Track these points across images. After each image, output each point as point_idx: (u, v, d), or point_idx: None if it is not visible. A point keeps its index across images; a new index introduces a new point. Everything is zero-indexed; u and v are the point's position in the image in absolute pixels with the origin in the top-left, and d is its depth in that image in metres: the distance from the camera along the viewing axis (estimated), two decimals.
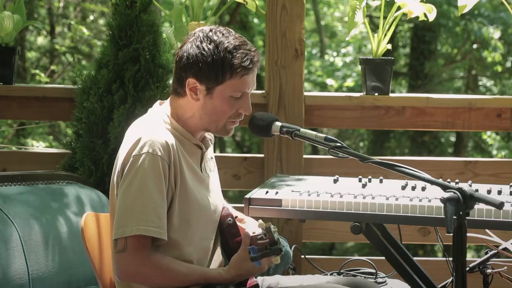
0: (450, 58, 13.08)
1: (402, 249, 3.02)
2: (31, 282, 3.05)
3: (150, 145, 2.68)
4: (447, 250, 3.07)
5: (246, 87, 2.77)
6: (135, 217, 2.65)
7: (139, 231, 2.64)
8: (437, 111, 4.44)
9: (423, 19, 4.29)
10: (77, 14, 11.91)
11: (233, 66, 2.72)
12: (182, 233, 2.77)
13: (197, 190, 2.81)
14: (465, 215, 2.36)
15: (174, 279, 2.71)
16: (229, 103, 2.76)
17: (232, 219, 2.90)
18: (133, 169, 2.68)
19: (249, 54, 2.74)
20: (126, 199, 2.68)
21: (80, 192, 3.44)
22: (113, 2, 4.04)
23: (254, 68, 2.77)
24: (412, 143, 12.17)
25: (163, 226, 2.68)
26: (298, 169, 4.33)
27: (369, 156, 2.66)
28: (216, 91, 2.75)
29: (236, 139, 13.51)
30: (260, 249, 2.72)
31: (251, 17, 12.45)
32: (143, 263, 2.67)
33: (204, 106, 2.77)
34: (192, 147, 2.83)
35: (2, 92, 4.30)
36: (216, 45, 2.73)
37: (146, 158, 2.67)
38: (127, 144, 2.74)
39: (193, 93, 2.76)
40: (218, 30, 2.77)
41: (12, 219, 3.08)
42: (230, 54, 2.72)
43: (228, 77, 2.73)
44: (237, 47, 2.73)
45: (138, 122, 2.83)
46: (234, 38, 2.75)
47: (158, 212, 2.67)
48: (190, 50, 2.75)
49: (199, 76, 2.74)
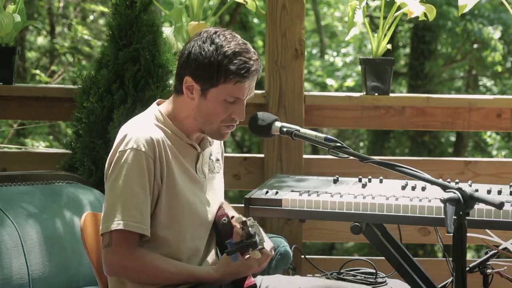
0: (450, 58, 13.08)
1: (402, 249, 3.02)
2: (31, 282, 3.05)
3: (135, 141, 2.71)
4: (447, 250, 3.07)
5: (241, 94, 2.76)
6: (118, 212, 2.68)
7: (120, 225, 2.66)
8: (437, 111, 4.44)
9: (423, 19, 4.29)
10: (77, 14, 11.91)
11: (228, 72, 2.72)
12: (171, 231, 2.77)
13: (189, 190, 2.80)
14: (465, 215, 2.36)
15: (161, 276, 2.72)
16: (222, 106, 2.76)
17: (227, 218, 2.89)
18: (118, 165, 2.71)
19: (248, 63, 2.73)
20: (111, 194, 2.71)
21: (80, 192, 3.44)
22: (113, 2, 4.03)
23: (251, 77, 2.75)
24: (412, 143, 12.17)
25: (146, 222, 2.70)
26: (298, 169, 4.33)
27: (369, 156, 2.66)
28: (211, 93, 2.75)
29: (236, 139, 13.52)
30: (236, 243, 2.72)
31: (251, 17, 12.45)
32: (128, 258, 2.69)
33: (198, 106, 2.78)
34: (185, 146, 2.83)
35: (2, 92, 4.30)
36: (216, 47, 2.73)
37: (130, 154, 2.70)
38: (117, 139, 2.78)
39: (189, 91, 2.77)
40: (222, 33, 2.77)
41: (12, 219, 3.08)
42: (227, 59, 2.72)
43: (222, 81, 2.73)
44: (236, 54, 2.73)
45: (133, 118, 2.86)
46: (237, 44, 2.75)
47: (140, 207, 2.69)
48: (192, 48, 2.76)
49: (196, 75, 2.75)
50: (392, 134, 12.57)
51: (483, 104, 4.43)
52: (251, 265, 2.77)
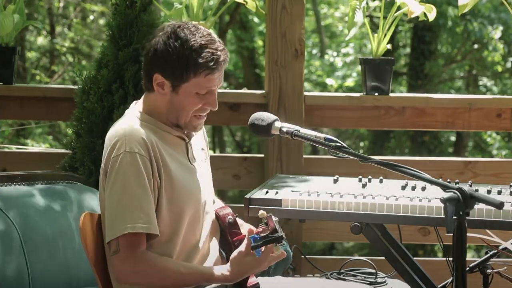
0: (450, 58, 13.08)
1: (402, 249, 3.02)
2: (31, 282, 3.05)
3: (127, 143, 2.70)
4: (447, 250, 3.07)
5: (212, 85, 2.77)
6: (122, 216, 2.66)
7: (127, 229, 2.65)
8: (437, 111, 4.44)
9: (423, 19, 4.29)
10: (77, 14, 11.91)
11: (198, 66, 2.73)
12: (174, 226, 2.76)
13: (185, 179, 2.81)
14: (465, 215, 2.36)
15: (173, 278, 2.70)
16: (194, 98, 2.78)
17: (232, 217, 2.90)
18: (114, 170, 2.70)
19: (215, 54, 2.74)
20: (112, 201, 2.69)
21: (80, 192, 3.43)
22: (113, 2, 4.04)
23: (220, 68, 2.76)
24: (412, 143, 12.17)
25: (152, 221, 2.69)
26: (298, 169, 4.33)
27: (369, 156, 2.66)
28: (182, 88, 2.76)
29: (236, 139, 13.51)
30: (261, 237, 2.70)
31: (251, 17, 12.44)
32: (137, 262, 2.67)
33: (171, 101, 2.79)
34: (173, 139, 2.84)
35: (2, 92, 4.30)
36: (182, 42, 2.73)
37: (124, 157, 2.69)
38: (106, 147, 2.76)
39: (160, 88, 2.78)
40: (186, 27, 2.77)
41: (12, 219, 3.08)
42: (195, 53, 2.72)
43: (192, 75, 2.74)
44: (203, 46, 2.73)
45: (115, 125, 2.84)
46: (202, 36, 2.75)
47: (144, 208, 2.68)
48: (157, 45, 2.77)
49: (165, 72, 2.75)
50: (392, 134, 12.57)
51: (483, 104, 4.43)
52: (262, 261, 2.74)
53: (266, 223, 2.70)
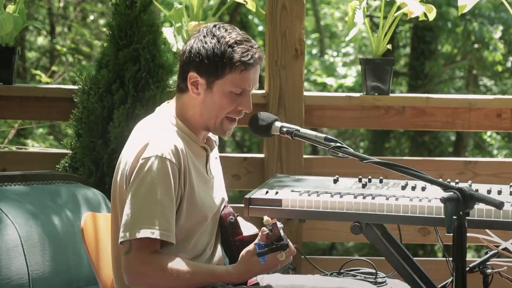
0: (450, 58, 13.09)
1: (402, 249, 3.02)
2: (31, 282, 3.05)
3: (159, 148, 2.67)
4: (447, 250, 3.07)
5: (247, 84, 2.76)
6: (144, 220, 2.64)
7: (147, 233, 2.63)
8: (437, 111, 4.44)
9: (423, 19, 4.30)
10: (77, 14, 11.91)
11: (233, 60, 2.72)
12: (186, 234, 2.76)
13: (203, 192, 2.80)
14: (465, 215, 2.36)
15: (181, 278, 2.68)
16: (229, 98, 2.76)
17: (233, 217, 2.90)
18: (141, 173, 2.66)
19: (251, 50, 2.74)
20: (135, 203, 2.66)
21: (80, 192, 3.43)
22: (113, 2, 4.04)
23: (255, 65, 2.75)
24: (412, 143, 12.17)
25: (171, 229, 2.67)
26: (298, 169, 4.33)
27: (369, 156, 2.66)
28: (216, 85, 2.74)
29: (236, 139, 13.51)
30: (266, 245, 2.70)
31: (251, 17, 12.45)
32: (145, 263, 2.65)
33: (204, 101, 2.77)
34: (198, 149, 2.83)
35: (2, 92, 4.30)
36: (218, 39, 2.74)
37: (154, 162, 2.66)
38: (135, 147, 2.72)
39: (194, 87, 2.76)
40: (222, 26, 2.78)
41: (12, 219, 3.08)
42: (230, 48, 2.72)
43: (227, 70, 2.73)
44: (238, 42, 2.74)
45: (145, 124, 2.82)
46: (237, 34, 2.77)
47: (167, 215, 2.66)
48: (193, 44, 2.77)
49: (200, 69, 2.74)
50: (392, 134, 12.57)
51: (483, 104, 4.44)
52: (270, 263, 2.74)
53: (271, 229, 2.70)
